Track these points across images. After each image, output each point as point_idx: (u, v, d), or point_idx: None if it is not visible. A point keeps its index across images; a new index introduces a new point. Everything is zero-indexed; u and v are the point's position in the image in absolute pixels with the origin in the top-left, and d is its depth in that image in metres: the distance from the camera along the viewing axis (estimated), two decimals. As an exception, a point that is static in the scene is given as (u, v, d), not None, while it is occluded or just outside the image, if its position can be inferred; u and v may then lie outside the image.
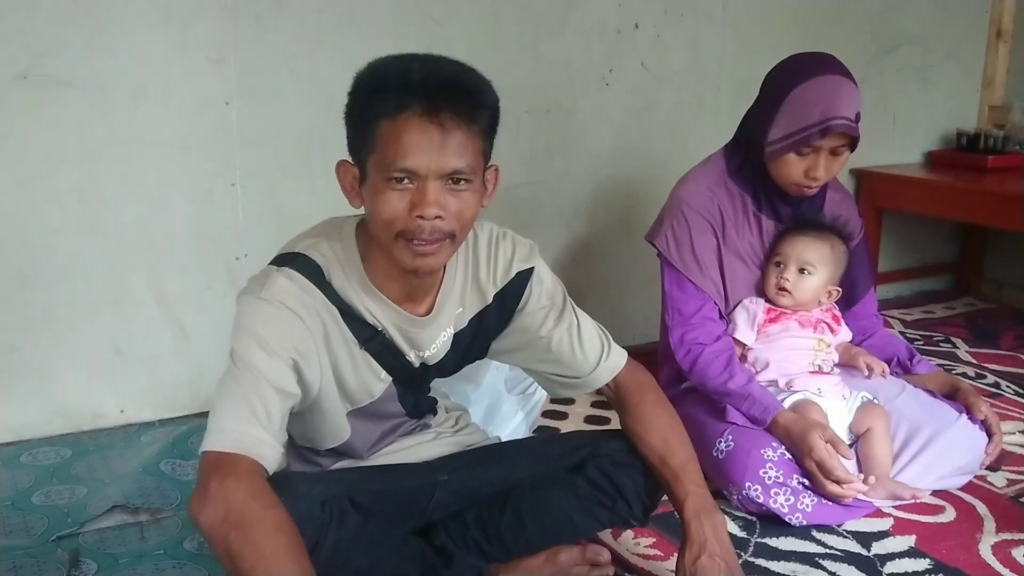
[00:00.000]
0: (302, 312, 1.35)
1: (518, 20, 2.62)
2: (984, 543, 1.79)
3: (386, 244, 1.34)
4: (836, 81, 1.88)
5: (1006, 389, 2.60)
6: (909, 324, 3.23)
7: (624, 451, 1.58)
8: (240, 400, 1.28)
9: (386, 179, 1.28)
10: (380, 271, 1.41)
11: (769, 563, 1.71)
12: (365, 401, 1.49)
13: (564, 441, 1.68)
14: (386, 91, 1.28)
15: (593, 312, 3.06)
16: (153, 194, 2.26)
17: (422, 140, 1.26)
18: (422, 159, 1.26)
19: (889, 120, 3.42)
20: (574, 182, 2.83)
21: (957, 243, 3.72)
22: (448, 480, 1.57)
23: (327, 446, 1.52)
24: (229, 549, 1.17)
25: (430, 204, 1.28)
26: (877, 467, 1.88)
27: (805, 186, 1.93)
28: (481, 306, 1.54)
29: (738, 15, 2.95)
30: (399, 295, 1.44)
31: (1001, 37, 3.50)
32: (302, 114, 2.37)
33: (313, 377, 1.38)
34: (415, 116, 1.26)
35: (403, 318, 1.45)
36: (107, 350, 2.29)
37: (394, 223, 1.30)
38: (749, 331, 2.02)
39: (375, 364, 1.46)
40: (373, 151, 1.29)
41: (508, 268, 1.54)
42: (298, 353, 1.34)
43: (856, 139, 1.89)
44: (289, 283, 1.35)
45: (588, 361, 1.59)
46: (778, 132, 1.90)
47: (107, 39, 2.13)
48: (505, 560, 1.58)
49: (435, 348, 1.51)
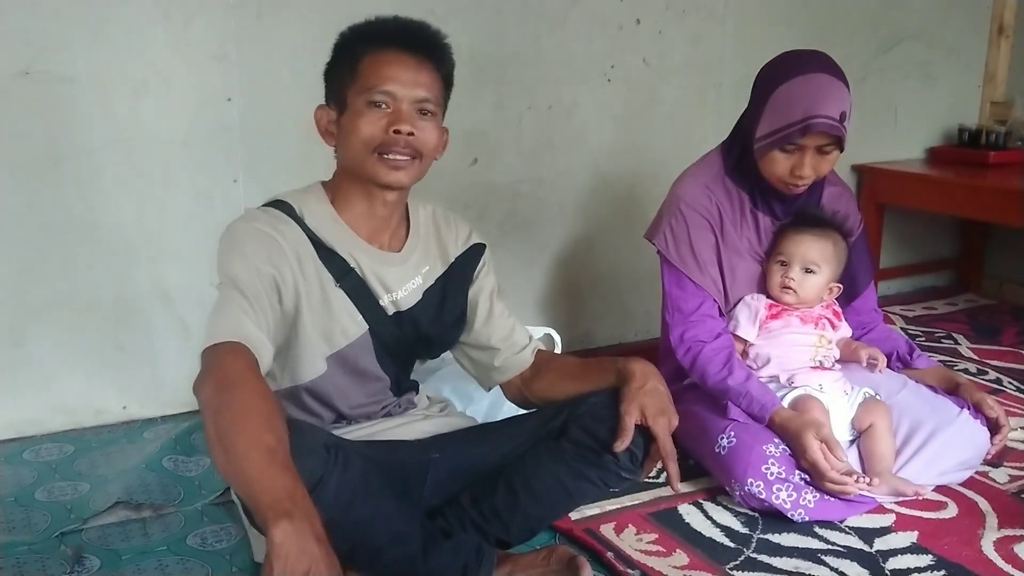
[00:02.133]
0: (277, 236, 1.51)
1: (520, 16, 2.62)
2: (986, 539, 1.79)
3: (360, 163, 1.53)
4: (822, 79, 1.87)
5: (1008, 385, 2.60)
6: (910, 320, 3.24)
7: (601, 405, 1.59)
8: (228, 307, 1.42)
9: (367, 103, 1.51)
10: (349, 210, 1.59)
11: (771, 559, 1.72)
12: (341, 343, 1.59)
13: (543, 411, 1.71)
14: (371, 34, 1.55)
15: (594, 308, 3.09)
16: (155, 190, 2.26)
17: (400, 69, 1.51)
18: (399, 85, 1.51)
19: (891, 116, 3.42)
20: (575, 178, 2.83)
21: (958, 239, 3.72)
22: (439, 458, 1.62)
23: (305, 380, 1.58)
24: (216, 408, 1.26)
25: (404, 120, 1.50)
26: (879, 463, 1.88)
27: (792, 184, 1.93)
28: (444, 267, 1.70)
29: (739, 11, 2.95)
30: (367, 232, 1.60)
31: (1003, 32, 3.50)
32: (304, 110, 2.33)
33: (290, 298, 1.52)
34: (395, 48, 1.52)
35: (374, 254, 1.60)
36: (109, 346, 2.29)
37: (372, 139, 1.50)
38: (751, 327, 2.02)
39: (351, 305, 1.58)
40: (355, 82, 1.52)
41: (467, 237, 1.74)
42: (274, 266, 1.48)
43: (842, 139, 1.88)
44: (266, 215, 1.54)
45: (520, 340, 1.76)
46: (764, 129, 1.90)
47: (109, 35, 2.13)
48: (506, 538, 1.60)
49: (406, 291, 1.62)
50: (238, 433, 1.21)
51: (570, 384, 1.69)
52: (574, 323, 2.89)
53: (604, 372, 1.65)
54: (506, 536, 1.61)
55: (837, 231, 2.02)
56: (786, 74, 1.91)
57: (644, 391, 1.56)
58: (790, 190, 1.96)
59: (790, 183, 1.93)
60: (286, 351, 1.55)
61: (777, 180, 1.95)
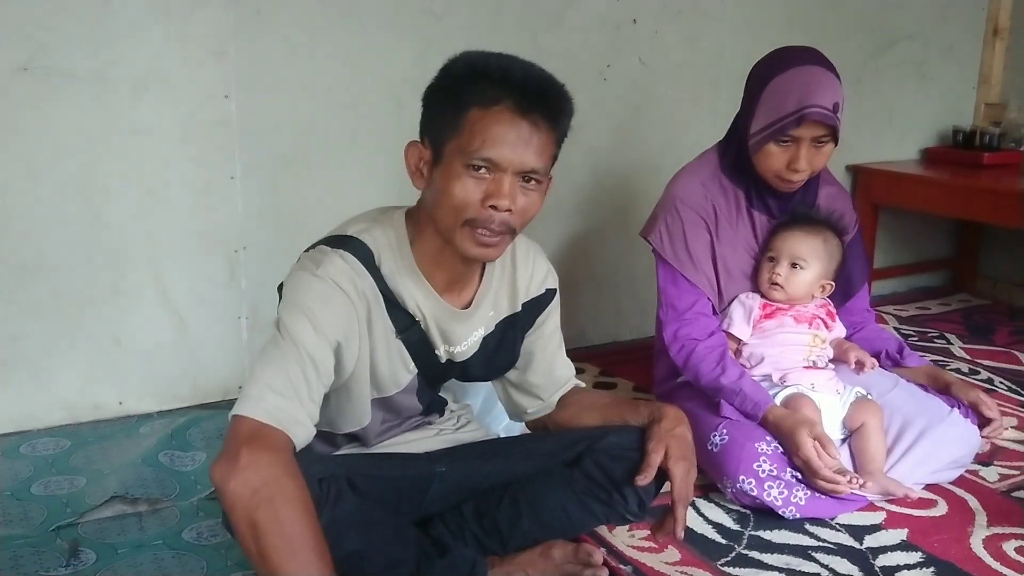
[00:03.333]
0: (353, 294, 1.38)
1: (517, 14, 2.62)
2: (976, 537, 1.81)
3: (448, 229, 1.38)
4: (813, 71, 1.89)
5: (999, 385, 2.62)
6: (904, 320, 3.25)
7: (620, 445, 1.59)
8: (281, 372, 1.29)
9: (465, 165, 1.33)
10: (428, 257, 1.45)
11: (763, 555, 1.73)
12: (391, 391, 1.52)
13: (561, 436, 1.70)
14: (484, 81, 1.33)
15: (589, 306, 3.10)
16: (153, 186, 2.27)
17: (510, 134, 1.32)
18: (506, 152, 1.32)
19: (886, 116, 3.43)
20: (572, 176, 2.83)
21: (953, 239, 3.74)
22: (446, 472, 1.60)
23: (346, 430, 1.54)
24: (256, 522, 1.17)
25: (505, 196, 1.33)
26: (870, 462, 1.90)
27: (788, 179, 1.94)
28: (511, 311, 1.59)
29: (736, 11, 2.96)
30: (443, 284, 1.48)
31: (998, 34, 3.51)
32: (302, 107, 2.38)
33: (350, 360, 1.42)
34: (508, 110, 1.32)
35: (443, 308, 1.49)
36: (107, 342, 2.30)
37: (466, 209, 1.34)
38: (745, 326, 2.04)
39: (406, 354, 1.49)
40: (457, 136, 1.34)
41: (542, 282, 1.62)
42: (343, 336, 1.37)
43: (836, 129, 1.89)
44: (344, 264, 1.39)
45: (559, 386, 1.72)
46: (759, 123, 1.92)
47: (108, 31, 2.14)
48: (502, 552, 1.60)
49: (465, 346, 1.55)
50: (286, 561, 1.16)
51: (595, 415, 1.66)
52: (569, 321, 2.86)
53: (635, 409, 1.62)
54: (502, 551, 1.61)
55: (830, 229, 2.04)
56: (778, 68, 1.92)
57: (672, 434, 1.52)
58: (786, 185, 1.97)
59: (786, 177, 1.94)
60: (329, 404, 1.46)
61: (773, 175, 1.96)
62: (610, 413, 1.64)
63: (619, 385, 2.61)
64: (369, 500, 1.45)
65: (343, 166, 2.44)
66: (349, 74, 2.40)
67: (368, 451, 1.60)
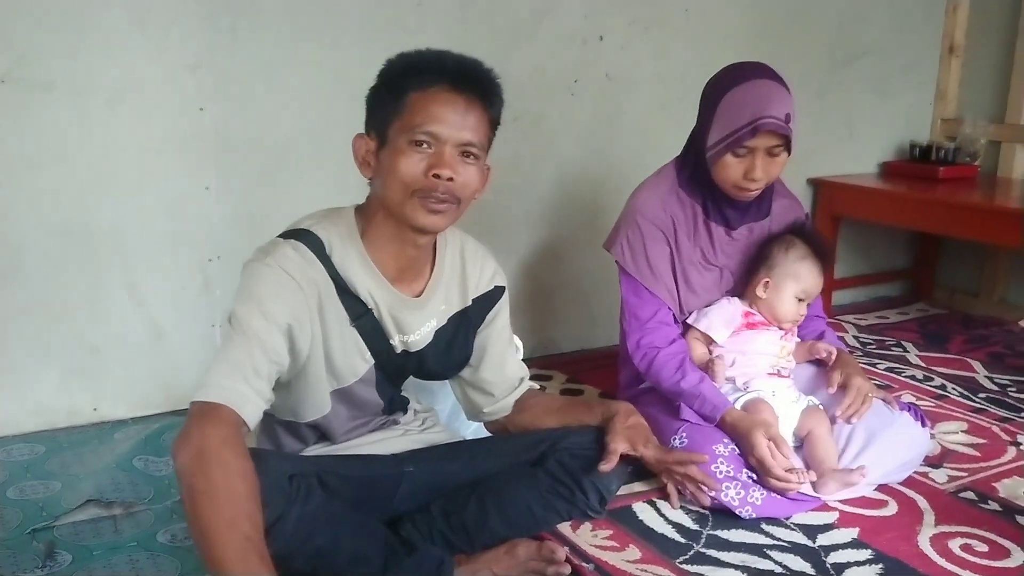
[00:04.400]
0: (302, 281, 1.47)
1: (488, 30, 2.69)
2: (923, 535, 1.88)
3: (398, 204, 1.48)
4: (765, 84, 1.97)
5: (951, 391, 2.71)
6: (863, 329, 3.34)
7: (582, 444, 1.67)
8: (231, 358, 1.39)
9: (409, 141, 1.45)
10: (378, 247, 1.55)
11: (720, 553, 1.80)
12: (349, 380, 1.59)
13: (525, 437, 1.77)
14: (420, 68, 1.48)
15: (558, 314, 3.15)
16: (129, 196, 2.31)
17: (447, 110, 1.45)
18: (444, 127, 1.45)
19: (846, 131, 3.53)
20: (541, 188, 2.91)
21: (911, 251, 3.85)
22: (414, 472, 1.66)
23: (308, 418, 1.61)
24: (191, 487, 1.25)
25: (447, 165, 1.45)
26: (822, 465, 1.97)
27: (745, 188, 2.01)
28: (462, 306, 1.68)
29: (701, 27, 3.05)
30: (393, 273, 1.57)
31: (954, 52, 3.62)
32: (275, 120, 2.43)
33: (303, 345, 1.50)
34: (444, 90, 1.46)
35: (395, 297, 1.58)
36: (82, 349, 2.33)
37: (412, 181, 1.46)
38: (724, 330, 2.10)
39: (362, 343, 1.58)
40: (400, 117, 1.46)
41: (491, 279, 1.73)
42: (294, 319, 1.46)
43: (789, 139, 1.98)
44: (294, 252, 1.48)
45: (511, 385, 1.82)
46: (715, 136, 1.99)
47: (86, 44, 2.18)
48: (469, 550, 1.66)
49: (419, 335, 1.63)
50: (215, 516, 1.22)
51: (552, 418, 1.78)
52: (539, 329, 2.96)
53: (589, 410, 1.77)
54: (469, 549, 1.67)
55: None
56: (732, 83, 2.00)
57: (629, 426, 1.69)
58: (743, 195, 2.04)
59: (743, 187, 2.01)
60: (290, 391, 1.56)
61: (731, 185, 2.03)
62: (567, 415, 1.76)
63: (586, 392, 2.67)
64: (338, 498, 1.50)
65: (315, 178, 2.49)
66: (322, 88, 2.46)
67: (337, 451, 1.65)
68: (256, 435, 1.67)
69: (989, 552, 1.82)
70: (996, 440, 2.36)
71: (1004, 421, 2.48)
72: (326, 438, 1.67)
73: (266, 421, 1.66)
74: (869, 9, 3.44)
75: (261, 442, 1.65)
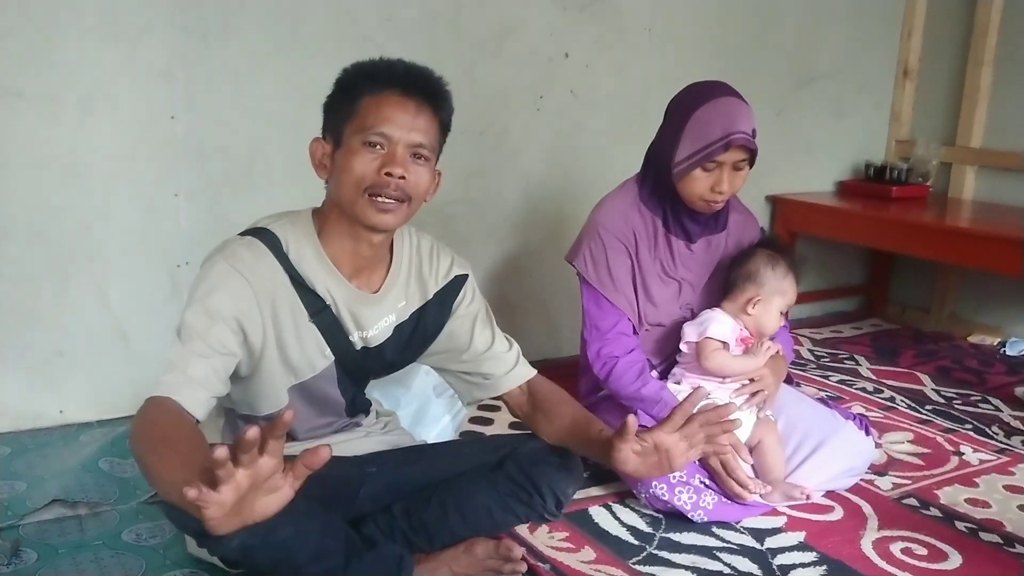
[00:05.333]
0: (250, 276, 1.53)
1: (456, 46, 2.76)
2: (866, 539, 1.96)
3: (350, 201, 1.53)
4: (732, 102, 2.05)
5: (900, 403, 2.81)
6: (818, 342, 3.44)
7: (541, 450, 1.73)
8: (174, 358, 1.46)
9: (362, 142, 1.52)
10: (334, 245, 1.60)
11: (671, 555, 1.87)
12: (307, 374, 1.64)
13: (486, 441, 1.82)
14: (374, 74, 1.56)
15: (522, 325, 3.21)
16: (98, 203, 2.34)
17: (398, 113, 1.52)
18: (396, 128, 1.52)
19: (804, 150, 3.63)
20: (505, 201, 2.97)
21: (866, 267, 3.96)
22: (377, 472, 1.70)
23: (264, 412, 1.65)
24: (142, 457, 1.31)
25: (398, 164, 1.51)
26: (770, 474, 2.05)
27: (712, 200, 2.08)
28: (422, 302, 1.72)
29: (663, 47, 3.14)
30: (350, 271, 1.62)
31: (908, 76, 3.74)
32: (245, 130, 2.48)
33: (255, 339, 1.55)
34: (396, 94, 1.53)
35: (352, 293, 1.63)
36: (49, 352, 2.36)
37: (364, 179, 1.52)
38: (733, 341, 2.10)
39: (321, 340, 1.62)
40: (354, 119, 1.53)
41: (448, 270, 1.77)
42: (240, 312, 1.51)
43: (755, 153, 2.06)
44: (244, 250, 1.55)
45: (505, 363, 1.78)
46: (685, 151, 2.05)
47: (58, 52, 2.22)
48: (428, 549, 1.71)
49: (377, 330, 1.67)
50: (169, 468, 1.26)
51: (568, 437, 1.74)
52: (502, 339, 3.01)
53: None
54: (429, 547, 1.72)
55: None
56: (700, 100, 2.07)
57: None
58: (708, 207, 2.11)
59: (709, 199, 2.08)
60: (247, 385, 1.62)
61: (698, 199, 2.09)
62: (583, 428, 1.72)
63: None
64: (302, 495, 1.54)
65: (283, 186, 2.53)
66: (291, 99, 2.51)
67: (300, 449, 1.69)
68: (220, 433, 1.71)
69: (928, 555, 1.90)
70: (940, 450, 2.46)
71: (949, 432, 2.57)
72: (289, 437, 1.71)
73: (229, 419, 1.71)
74: (826, 33, 3.55)
75: (225, 440, 1.69)
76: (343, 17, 2.55)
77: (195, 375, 1.44)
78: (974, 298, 3.63)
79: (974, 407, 2.79)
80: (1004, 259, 2.88)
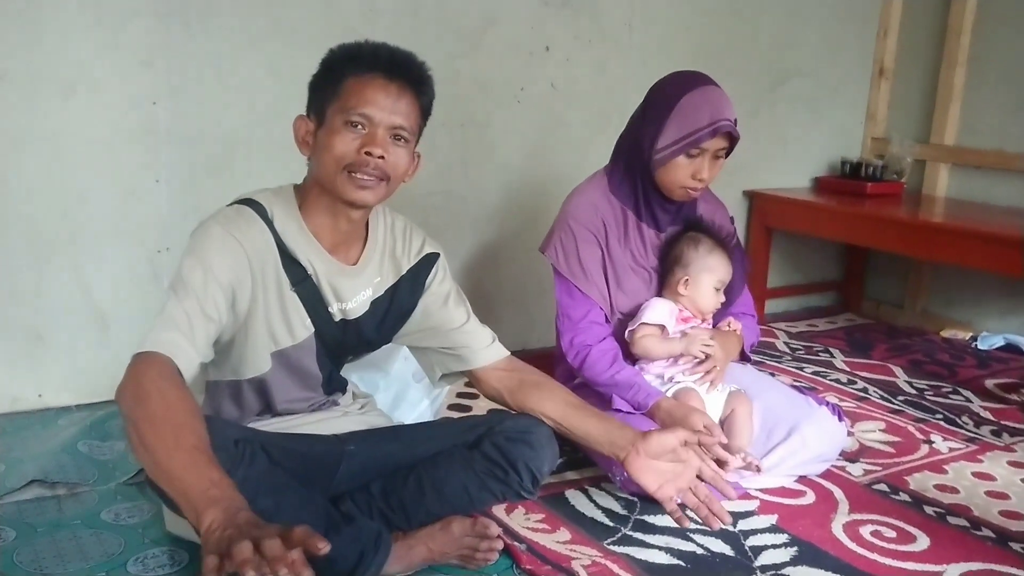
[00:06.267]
0: (245, 242, 1.58)
1: (438, 37, 2.78)
2: (837, 522, 2.00)
3: (331, 178, 1.59)
4: (716, 91, 2.09)
5: (872, 393, 2.85)
6: (793, 336, 3.48)
7: (516, 429, 1.75)
8: (168, 315, 1.48)
9: (344, 122, 1.56)
10: (315, 219, 1.66)
11: (645, 536, 1.90)
12: (287, 342, 1.67)
13: (463, 421, 1.85)
14: (358, 56, 1.60)
15: (500, 315, 3.23)
16: (79, 187, 2.35)
17: (380, 95, 1.57)
18: (377, 110, 1.57)
19: (781, 147, 3.68)
20: (485, 192, 3.00)
21: (841, 263, 4.01)
22: (355, 451, 1.72)
23: (248, 375, 1.68)
24: (133, 419, 1.32)
25: (378, 143, 1.56)
26: (735, 440, 2.07)
27: (691, 188, 2.12)
28: (395, 278, 1.77)
29: (643, 43, 3.17)
30: (329, 244, 1.68)
31: (883, 75, 3.80)
32: (226, 116, 2.49)
33: (243, 305, 1.60)
34: (379, 76, 1.58)
35: (332, 264, 1.68)
36: (28, 337, 2.36)
37: (344, 157, 1.56)
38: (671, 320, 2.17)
39: (302, 309, 1.67)
40: (337, 100, 1.58)
41: (420, 249, 1.82)
42: (235, 278, 1.56)
43: (735, 142, 2.09)
44: (237, 216, 1.61)
45: (481, 339, 1.83)
46: (669, 138, 2.08)
47: (41, 36, 2.23)
48: (406, 528, 1.73)
49: (355, 303, 1.72)
50: (159, 439, 1.28)
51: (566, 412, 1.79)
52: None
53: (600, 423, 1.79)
54: (407, 526, 1.74)
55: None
56: (685, 88, 2.10)
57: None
58: (688, 195, 2.14)
59: (689, 187, 2.11)
60: (232, 348, 1.65)
61: (678, 186, 2.12)
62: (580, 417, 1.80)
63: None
64: (281, 469, 1.56)
65: (264, 173, 2.53)
66: (273, 86, 2.52)
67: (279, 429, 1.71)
68: (202, 404, 1.72)
69: (897, 538, 1.94)
70: (911, 438, 2.50)
71: (919, 422, 2.62)
72: (268, 408, 1.73)
73: (211, 391, 1.73)
74: (803, 33, 3.60)
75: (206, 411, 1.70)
76: (325, 6, 2.57)
77: (190, 336, 1.47)
78: (946, 294, 3.69)
79: (945, 398, 2.84)
80: (976, 255, 2.94)
